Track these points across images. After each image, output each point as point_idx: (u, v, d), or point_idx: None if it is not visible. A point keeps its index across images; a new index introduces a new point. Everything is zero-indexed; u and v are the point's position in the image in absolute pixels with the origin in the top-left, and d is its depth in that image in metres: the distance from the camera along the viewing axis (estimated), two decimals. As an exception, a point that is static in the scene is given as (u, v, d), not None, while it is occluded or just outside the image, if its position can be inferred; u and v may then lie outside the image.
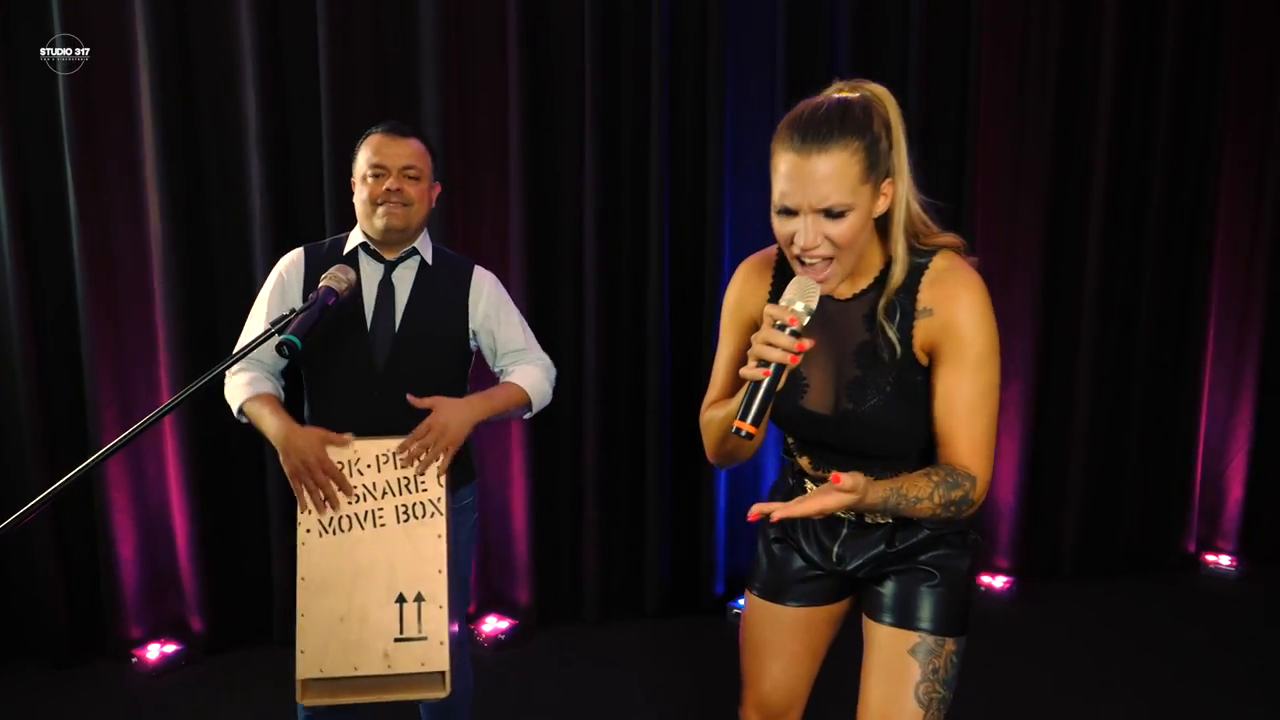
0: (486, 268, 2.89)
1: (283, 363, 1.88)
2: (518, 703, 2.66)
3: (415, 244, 1.88)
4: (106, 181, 2.67)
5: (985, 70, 3.12)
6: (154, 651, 2.81)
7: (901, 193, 1.32)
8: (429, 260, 1.90)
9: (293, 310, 1.45)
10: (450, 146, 2.82)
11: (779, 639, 1.58)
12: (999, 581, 3.35)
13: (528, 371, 1.94)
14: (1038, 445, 3.39)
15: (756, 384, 1.22)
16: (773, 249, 1.52)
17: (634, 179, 3.01)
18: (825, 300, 1.38)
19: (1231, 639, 3.00)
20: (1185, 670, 2.80)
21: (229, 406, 1.84)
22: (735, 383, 1.48)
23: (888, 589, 1.49)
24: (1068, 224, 3.30)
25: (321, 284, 1.58)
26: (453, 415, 1.72)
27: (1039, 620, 3.16)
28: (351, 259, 1.85)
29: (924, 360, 1.36)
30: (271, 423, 1.72)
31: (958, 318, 1.32)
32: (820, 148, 1.23)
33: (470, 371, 1.99)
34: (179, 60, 2.66)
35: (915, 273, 1.35)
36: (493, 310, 1.95)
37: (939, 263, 1.35)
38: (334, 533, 1.66)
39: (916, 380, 1.37)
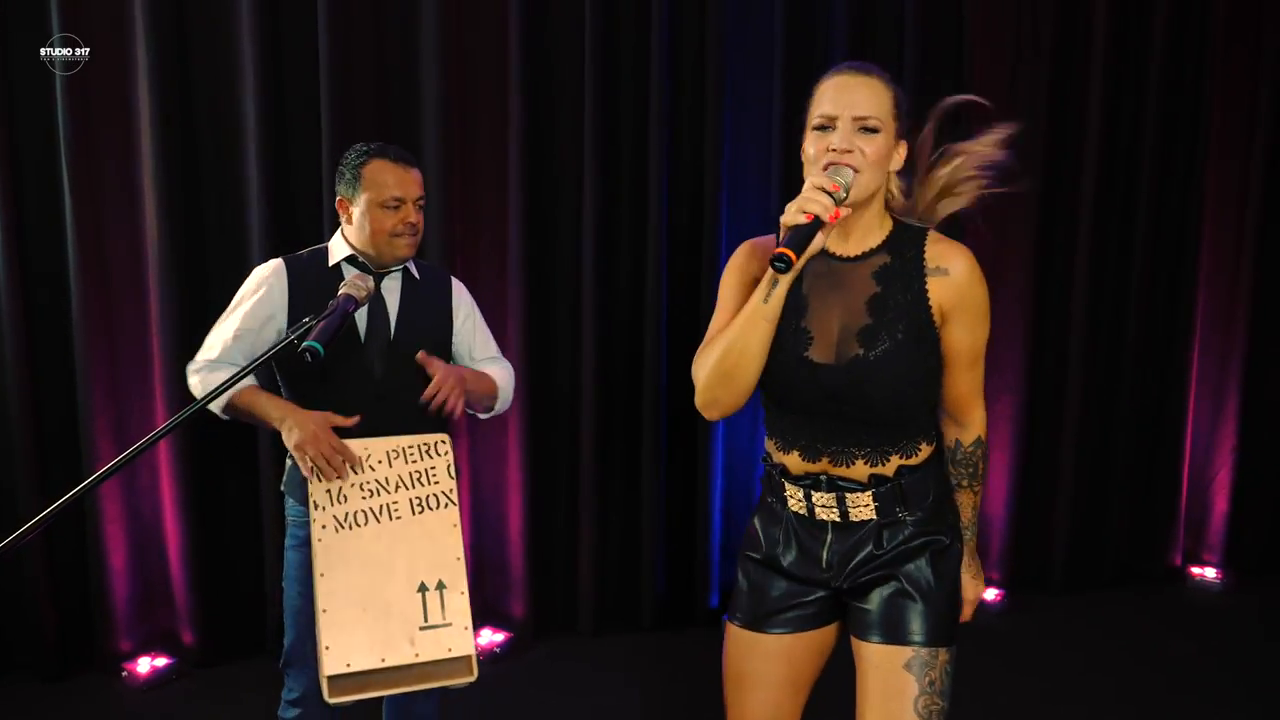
0: (485, 278, 2.96)
1: (256, 379, 1.85)
2: (513, 716, 2.65)
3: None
4: (103, 188, 2.65)
5: (978, 82, 3.17)
6: (144, 665, 2.77)
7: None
8: (415, 273, 1.94)
9: (310, 317, 1.45)
10: (451, 151, 2.82)
11: (762, 669, 1.54)
12: (990, 594, 3.38)
13: (500, 372, 2.04)
14: (1027, 459, 3.43)
15: (797, 226, 1.28)
16: (770, 237, 1.56)
17: (632, 188, 3.02)
18: (833, 259, 1.45)
19: (1219, 650, 3.04)
20: (1176, 681, 2.83)
21: (209, 409, 1.79)
22: None
23: (874, 605, 1.47)
24: (1055, 241, 3.36)
25: (342, 291, 1.58)
26: (454, 371, 1.81)
27: (1030, 632, 3.19)
28: (336, 272, 1.86)
29: (938, 319, 1.43)
30: (270, 405, 1.75)
31: (969, 277, 1.42)
32: (865, 73, 1.40)
33: None
34: (178, 67, 2.65)
35: (917, 235, 1.46)
36: (470, 316, 2.03)
37: (933, 232, 1.48)
38: (350, 528, 1.68)
39: (929, 336, 1.43)
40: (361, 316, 1.84)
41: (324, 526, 1.66)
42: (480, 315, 2.08)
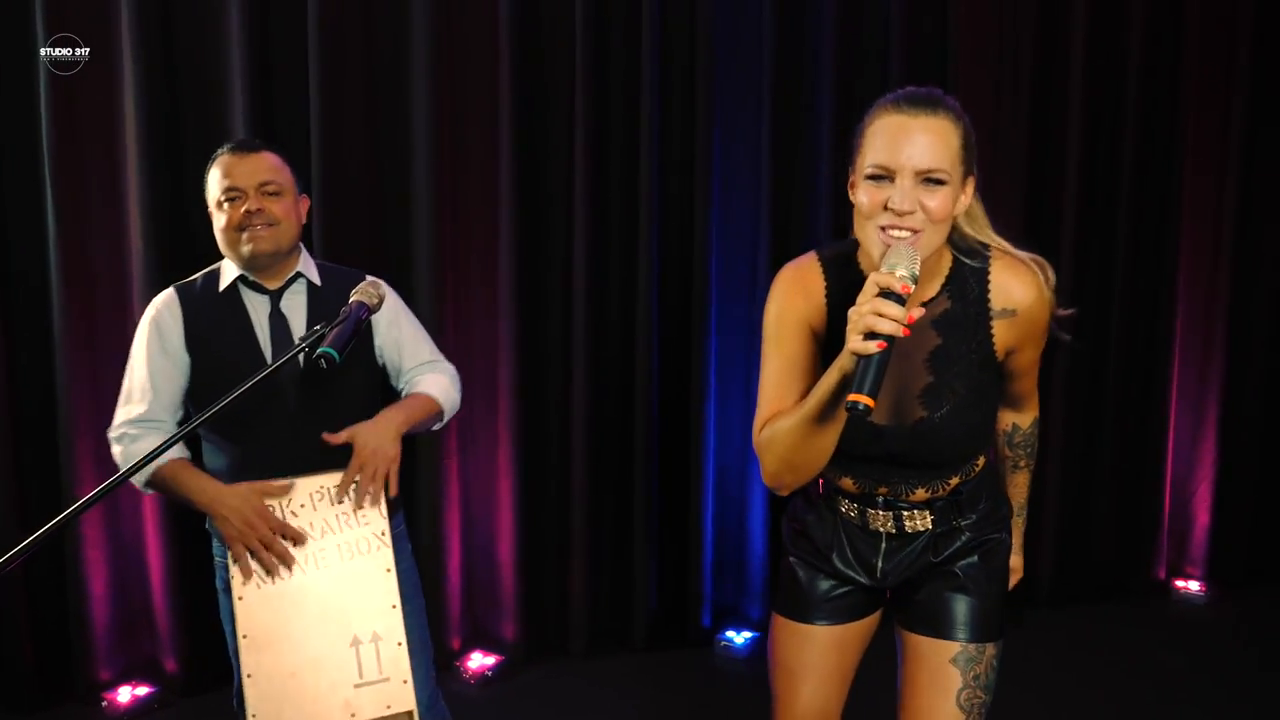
0: (476, 294, 2.93)
1: (177, 417, 1.74)
2: (510, 739, 2.61)
3: (298, 266, 1.77)
4: (87, 198, 2.60)
5: (962, 98, 3.22)
6: (125, 694, 2.69)
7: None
8: (316, 281, 1.78)
9: (322, 325, 1.42)
10: (440, 165, 2.81)
11: (810, 659, 1.55)
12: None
13: (434, 380, 1.85)
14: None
15: (868, 359, 1.13)
16: (807, 256, 1.47)
17: (622, 202, 3.01)
18: None
19: (1205, 661, 3.06)
20: (1164, 692, 2.85)
21: (125, 480, 1.69)
22: (792, 394, 1.38)
23: (923, 598, 1.49)
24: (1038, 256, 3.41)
25: (353, 298, 1.53)
26: (377, 435, 1.61)
27: (1019, 644, 3.16)
28: (230, 295, 1.73)
29: (1002, 355, 1.40)
30: (196, 485, 1.60)
31: (1037, 308, 1.36)
32: (929, 111, 1.23)
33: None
34: (165, 75, 2.61)
35: (979, 269, 1.36)
36: (394, 322, 1.83)
37: (997, 258, 1.37)
38: (274, 582, 1.55)
39: (992, 377, 1.41)
40: (265, 342, 1.70)
41: (244, 583, 1.54)
42: (408, 314, 1.88)
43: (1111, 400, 3.48)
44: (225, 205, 1.69)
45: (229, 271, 1.76)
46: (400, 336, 1.85)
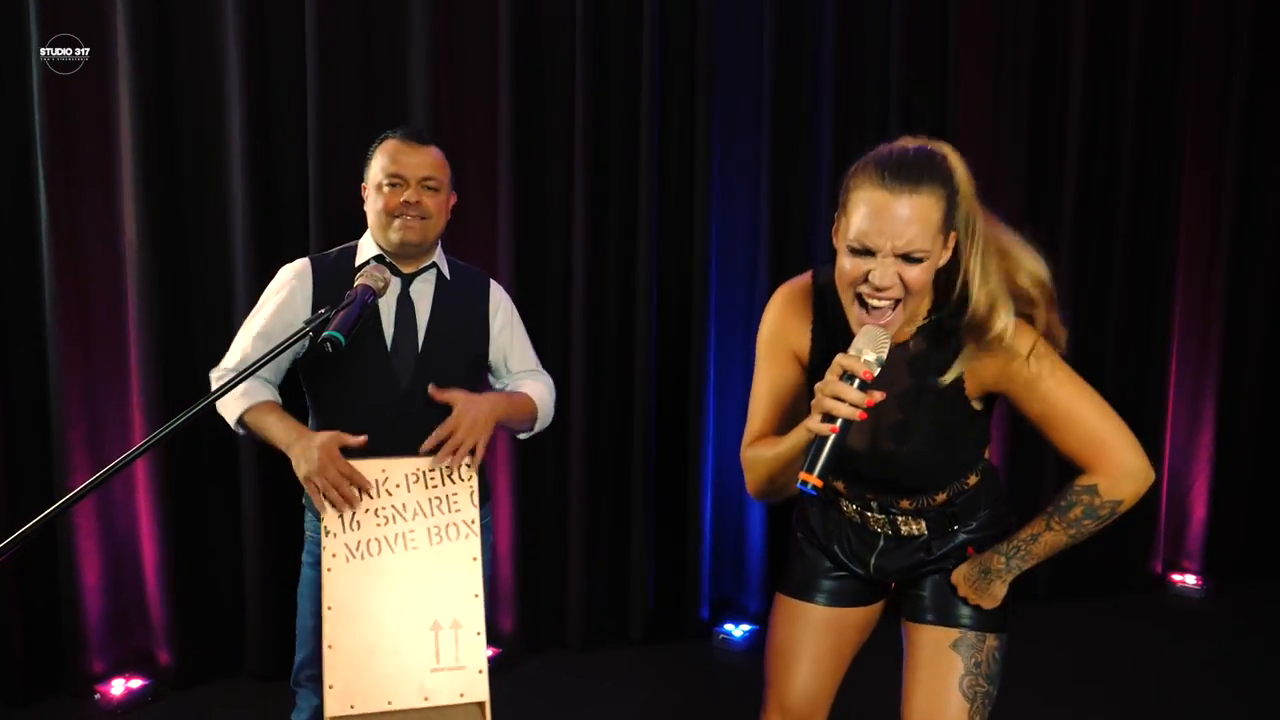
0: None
1: (279, 379, 1.77)
2: (507, 732, 2.59)
3: (433, 257, 1.81)
4: (80, 191, 2.56)
5: (962, 107, 3.22)
6: (118, 686, 2.66)
7: (973, 249, 1.31)
8: (447, 274, 1.83)
9: (327, 308, 1.40)
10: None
11: (806, 639, 1.57)
12: (977, 603, 3.39)
13: (537, 387, 1.89)
14: (1009, 470, 3.45)
15: (824, 438, 1.19)
16: (805, 279, 1.50)
17: (622, 206, 3.00)
18: None
19: (1202, 655, 3.07)
20: (1162, 686, 2.86)
21: (223, 418, 1.72)
22: (776, 415, 1.47)
23: (926, 590, 1.51)
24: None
25: (358, 282, 1.51)
26: (479, 408, 1.64)
27: (1018, 639, 3.18)
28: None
29: (977, 396, 1.38)
30: (279, 429, 1.63)
31: (1009, 354, 1.31)
32: (912, 189, 1.23)
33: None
34: (161, 69, 2.58)
35: (955, 312, 1.34)
36: (509, 325, 1.89)
37: (975, 308, 1.32)
38: (362, 557, 1.57)
39: (963, 416, 1.39)
40: (389, 322, 1.74)
41: (334, 555, 1.56)
42: (521, 324, 1.95)
43: (1108, 394, 3.44)
44: (385, 189, 1.72)
45: (366, 249, 1.79)
46: (512, 340, 1.90)
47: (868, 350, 1.22)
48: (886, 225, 1.22)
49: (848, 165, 1.33)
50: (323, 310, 1.41)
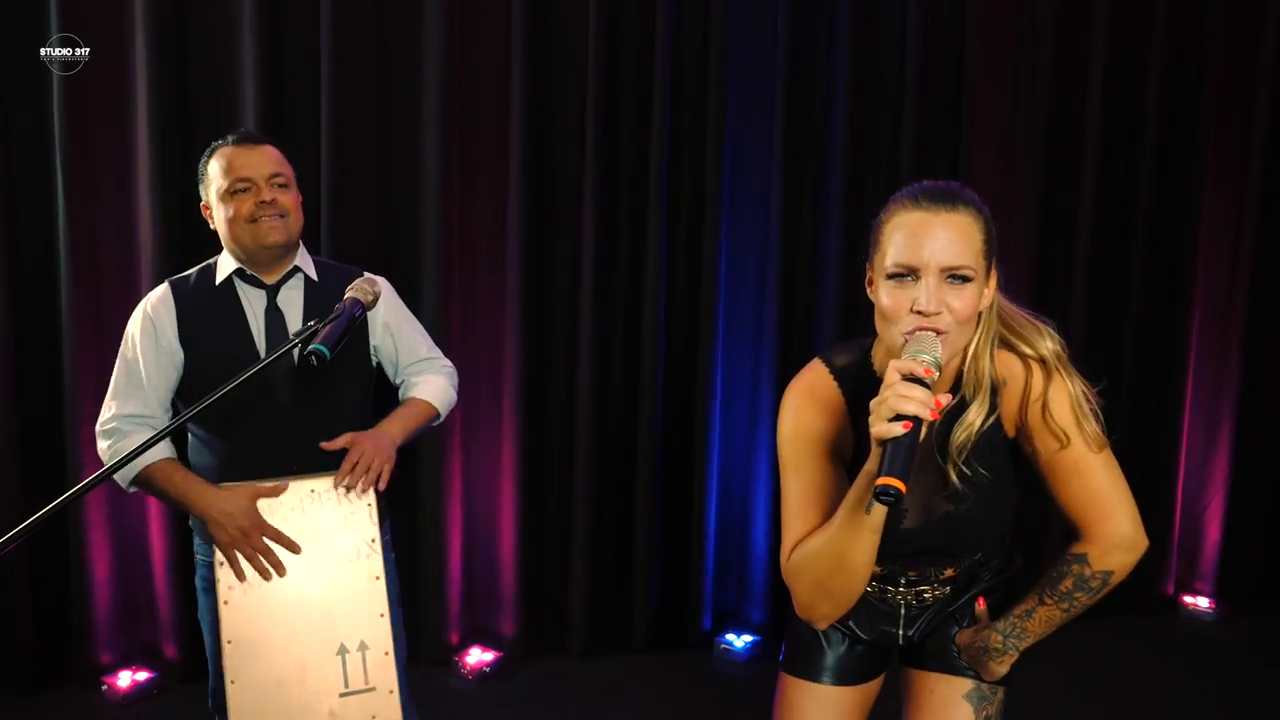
0: (482, 288, 2.92)
1: (165, 417, 1.71)
2: (504, 736, 2.60)
3: (295, 261, 1.75)
4: (97, 193, 2.61)
5: (979, 115, 3.19)
6: (125, 679, 2.71)
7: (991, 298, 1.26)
8: (314, 276, 1.76)
9: (315, 321, 1.41)
10: (450, 165, 2.80)
11: (821, 715, 1.52)
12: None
13: (430, 381, 1.85)
14: (1019, 486, 3.41)
15: (897, 441, 1.05)
16: (816, 369, 1.37)
17: (632, 205, 3.01)
18: None
19: (1212, 680, 3.02)
20: (1170, 710, 2.81)
21: (108, 478, 1.67)
22: (817, 519, 1.29)
23: (945, 637, 1.47)
24: (1051, 267, 3.36)
25: (348, 295, 1.51)
26: (374, 439, 1.62)
27: (1022, 660, 3.16)
28: (226, 289, 1.71)
29: (1012, 433, 1.31)
30: (187, 488, 1.58)
31: (1024, 385, 1.27)
32: (950, 207, 1.17)
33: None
34: (178, 76, 2.63)
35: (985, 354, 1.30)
36: (391, 319, 1.82)
37: (1001, 349, 1.30)
38: (260, 586, 1.53)
39: (1006, 459, 1.34)
40: (259, 338, 1.68)
41: (230, 587, 1.52)
42: (405, 312, 1.86)
43: (1123, 411, 3.43)
44: (234, 196, 1.67)
45: (225, 265, 1.74)
46: (397, 334, 1.83)
47: (923, 352, 1.11)
48: (927, 242, 1.15)
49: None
50: (311, 323, 1.41)
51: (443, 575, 2.94)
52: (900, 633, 1.48)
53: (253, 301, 1.72)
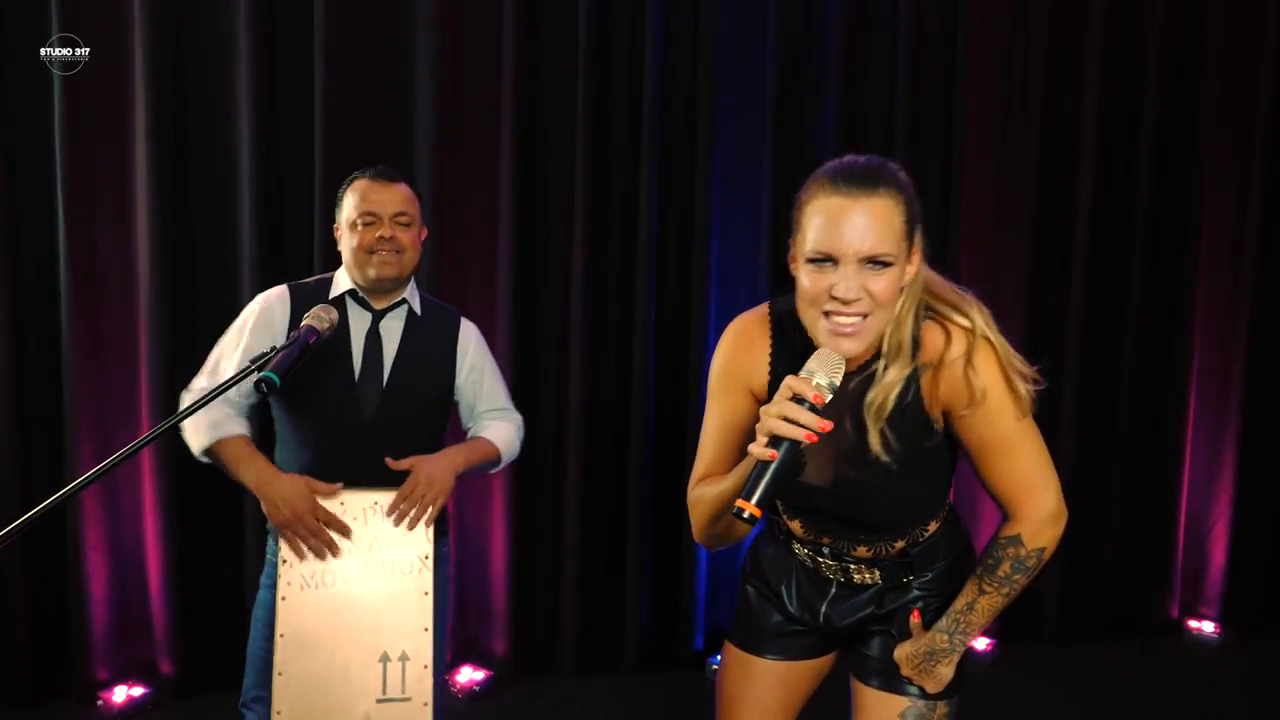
0: (473, 313, 2.93)
1: (251, 401, 1.81)
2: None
3: (404, 294, 1.86)
4: (96, 205, 2.67)
5: (970, 124, 3.18)
6: (120, 694, 2.75)
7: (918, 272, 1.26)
8: (417, 310, 1.87)
9: (273, 348, 1.45)
10: (441, 179, 2.84)
11: (754, 693, 1.54)
12: (981, 644, 3.32)
13: (501, 428, 1.95)
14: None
15: (765, 464, 1.11)
16: (762, 309, 1.41)
17: (621, 225, 3.03)
18: None
19: (1216, 706, 2.96)
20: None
21: (186, 445, 1.77)
22: (726, 454, 1.40)
23: (875, 649, 1.46)
24: (1048, 282, 3.34)
25: (304, 322, 1.56)
26: (436, 468, 1.71)
27: (1023, 684, 3.12)
28: (338, 304, 1.82)
29: (937, 418, 1.30)
30: (251, 468, 1.67)
31: (960, 363, 1.25)
32: (869, 192, 1.17)
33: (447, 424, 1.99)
34: (173, 90, 2.68)
35: (913, 328, 1.29)
36: (478, 365, 1.93)
37: (930, 321, 1.29)
38: (317, 587, 1.62)
39: (928, 442, 1.31)
40: (357, 356, 1.79)
41: (289, 583, 1.62)
42: (492, 362, 1.98)
43: (1123, 429, 3.40)
44: (360, 227, 1.78)
45: (342, 283, 1.85)
46: (481, 380, 1.94)
47: (820, 374, 1.14)
48: (845, 230, 1.15)
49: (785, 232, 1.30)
50: (269, 349, 1.45)
51: (434, 593, 2.95)
52: (822, 610, 1.48)
53: (358, 322, 1.83)
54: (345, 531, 1.64)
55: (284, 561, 1.63)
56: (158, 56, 2.63)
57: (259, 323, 1.81)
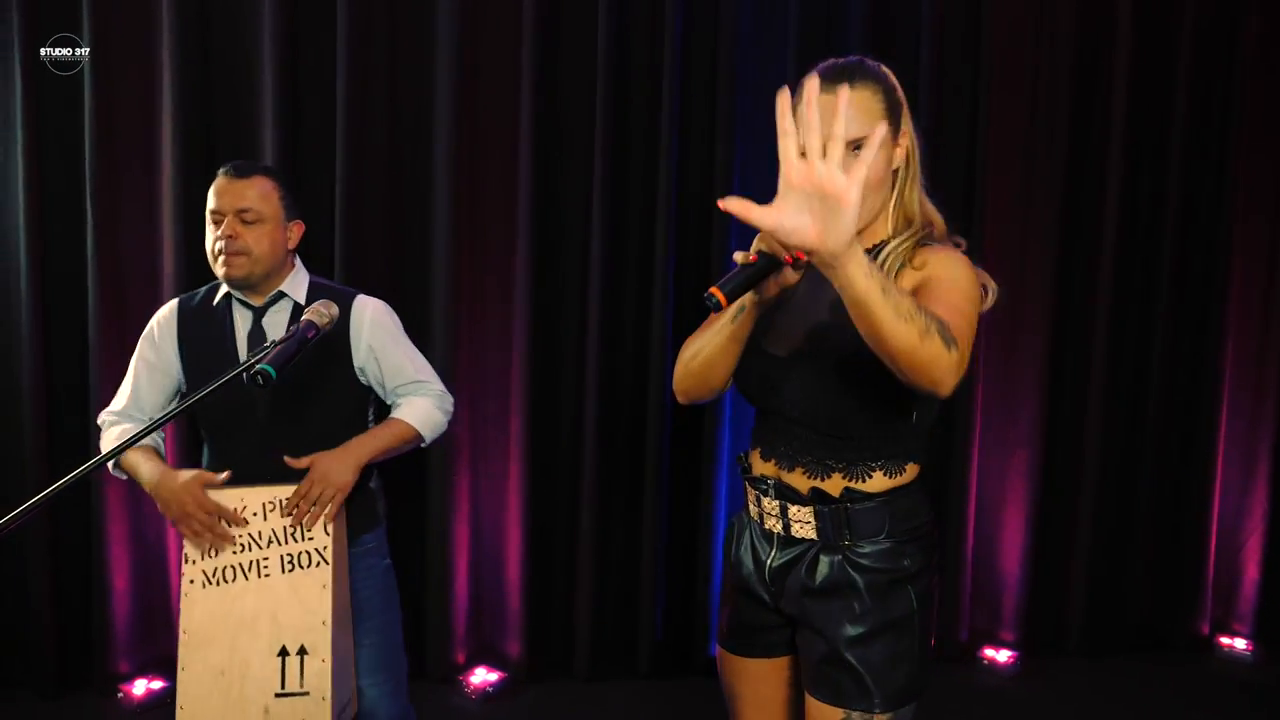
0: (492, 316, 2.97)
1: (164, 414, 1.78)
2: (499, 757, 2.61)
3: (281, 286, 1.82)
4: (122, 201, 2.73)
5: (992, 138, 3.14)
6: (140, 687, 2.80)
7: (907, 158, 1.36)
8: (302, 301, 1.82)
9: (271, 342, 1.46)
10: (459, 185, 2.87)
11: (748, 690, 1.54)
12: (1003, 656, 3.26)
13: (415, 404, 1.88)
14: (1043, 515, 3.31)
15: (746, 265, 1.22)
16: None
17: (640, 225, 3.03)
18: None
19: (1245, 726, 2.89)
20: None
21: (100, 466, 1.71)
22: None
23: (820, 657, 1.39)
24: (1075, 292, 3.28)
25: (304, 317, 1.57)
26: (334, 464, 1.70)
27: (1046, 698, 3.06)
28: (222, 308, 1.81)
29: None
30: (145, 472, 1.71)
31: (940, 260, 1.32)
32: (847, 79, 1.28)
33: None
34: (201, 89, 2.74)
35: (909, 243, 1.36)
36: (377, 341, 1.85)
37: (932, 245, 1.36)
38: (218, 583, 1.65)
39: None
40: (242, 356, 1.77)
41: (191, 581, 1.65)
42: (395, 335, 1.88)
43: (1152, 441, 3.32)
44: (210, 225, 1.78)
45: (224, 285, 1.84)
46: (381, 357, 1.86)
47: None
48: (826, 118, 1.17)
49: None
50: (268, 343, 1.46)
51: (449, 594, 2.97)
52: (767, 566, 1.45)
53: (241, 323, 1.83)
54: (236, 521, 1.65)
55: (188, 560, 1.66)
56: (185, 72, 2.69)
57: (146, 347, 1.85)
